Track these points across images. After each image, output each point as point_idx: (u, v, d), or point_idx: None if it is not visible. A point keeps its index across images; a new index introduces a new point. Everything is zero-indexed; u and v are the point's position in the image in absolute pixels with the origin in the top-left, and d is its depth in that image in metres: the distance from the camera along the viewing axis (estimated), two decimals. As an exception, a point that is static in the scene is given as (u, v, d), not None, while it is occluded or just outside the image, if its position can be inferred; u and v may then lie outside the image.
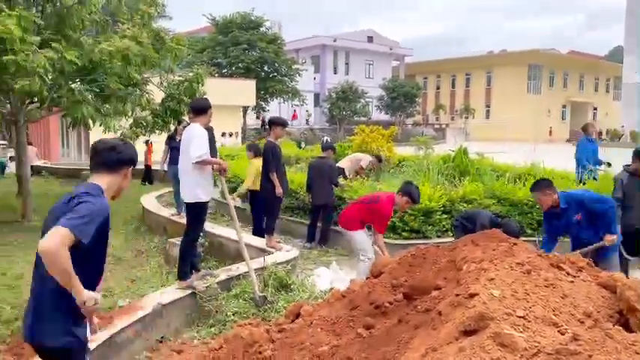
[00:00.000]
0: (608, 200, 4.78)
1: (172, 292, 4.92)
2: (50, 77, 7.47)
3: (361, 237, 5.90)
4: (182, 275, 5.05)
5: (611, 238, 4.58)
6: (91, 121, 8.92)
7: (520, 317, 2.27)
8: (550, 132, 54.19)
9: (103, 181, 2.56)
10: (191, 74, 10.49)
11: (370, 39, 56.00)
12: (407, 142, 27.59)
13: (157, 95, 10.63)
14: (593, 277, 2.70)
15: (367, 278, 3.95)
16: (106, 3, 9.42)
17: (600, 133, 44.82)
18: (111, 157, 2.59)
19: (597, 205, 4.63)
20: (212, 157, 5.20)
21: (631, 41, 47.73)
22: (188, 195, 5.05)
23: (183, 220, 6.51)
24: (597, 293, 2.52)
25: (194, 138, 4.94)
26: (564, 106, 60.63)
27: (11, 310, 4.64)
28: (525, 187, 7.98)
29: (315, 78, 50.27)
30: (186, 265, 5.08)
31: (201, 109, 5.19)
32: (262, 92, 34.15)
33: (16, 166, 11.79)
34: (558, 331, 2.21)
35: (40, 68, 7.05)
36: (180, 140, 8.43)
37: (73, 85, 8.70)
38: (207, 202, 5.17)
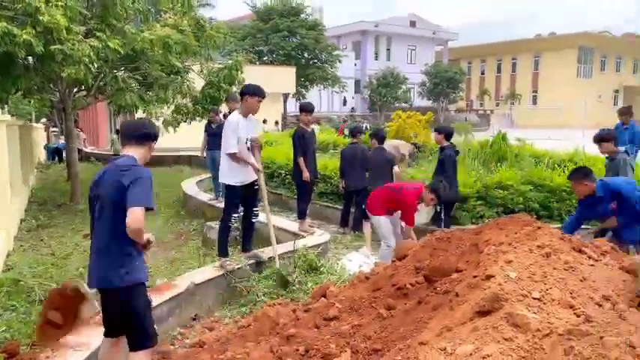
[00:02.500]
0: None
1: (205, 272, 5.10)
2: (95, 66, 7.75)
3: (382, 223, 5.90)
4: (219, 253, 5.31)
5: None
6: (134, 108, 9.25)
7: (536, 299, 2.27)
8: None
9: (135, 152, 2.99)
10: (230, 62, 10.65)
11: (413, 23, 54.94)
12: (448, 128, 27.06)
13: (198, 83, 10.86)
14: (617, 261, 2.66)
15: (393, 261, 4.00)
16: (149, -8, 9.65)
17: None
18: (139, 132, 3.05)
19: (633, 195, 4.51)
20: (254, 140, 5.23)
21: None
22: (224, 177, 5.28)
23: (221, 205, 6.71)
24: (619, 277, 2.49)
25: (226, 130, 5.14)
26: (617, 91, 58.09)
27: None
28: (565, 174, 7.77)
29: (355, 64, 49.85)
30: (221, 244, 5.29)
31: (241, 94, 5.29)
32: (302, 79, 34.19)
33: (65, 152, 12.31)
34: (574, 314, 2.20)
35: (85, 57, 7.33)
36: (215, 127, 8.70)
37: (117, 74, 9.02)
38: (242, 186, 5.27)
